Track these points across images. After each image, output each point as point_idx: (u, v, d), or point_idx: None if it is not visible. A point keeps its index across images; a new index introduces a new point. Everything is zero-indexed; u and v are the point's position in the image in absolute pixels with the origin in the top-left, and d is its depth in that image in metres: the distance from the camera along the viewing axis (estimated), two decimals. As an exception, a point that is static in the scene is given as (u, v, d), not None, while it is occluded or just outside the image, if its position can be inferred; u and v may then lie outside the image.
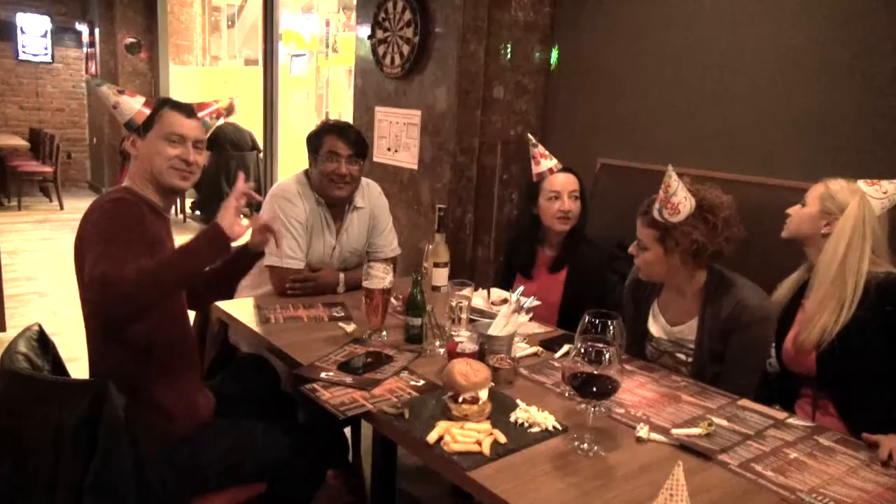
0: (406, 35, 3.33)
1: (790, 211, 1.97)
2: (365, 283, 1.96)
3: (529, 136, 2.49)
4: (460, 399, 1.46)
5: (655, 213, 1.86)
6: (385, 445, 2.34)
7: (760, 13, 2.47)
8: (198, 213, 7.64)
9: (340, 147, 2.36)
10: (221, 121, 6.39)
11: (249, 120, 6.80)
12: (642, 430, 1.46)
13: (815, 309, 1.81)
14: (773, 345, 1.99)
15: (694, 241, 1.83)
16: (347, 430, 2.65)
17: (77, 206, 8.01)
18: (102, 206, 1.63)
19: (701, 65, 2.66)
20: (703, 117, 2.64)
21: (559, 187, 2.40)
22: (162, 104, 1.72)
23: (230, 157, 6.79)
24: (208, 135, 2.43)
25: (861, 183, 1.85)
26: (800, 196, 1.95)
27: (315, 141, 2.42)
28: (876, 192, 1.83)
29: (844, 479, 1.35)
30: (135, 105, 1.70)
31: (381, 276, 1.93)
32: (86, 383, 1.43)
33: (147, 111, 1.70)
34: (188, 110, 1.73)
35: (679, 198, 1.80)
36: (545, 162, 2.44)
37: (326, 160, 2.36)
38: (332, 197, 2.40)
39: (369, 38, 3.55)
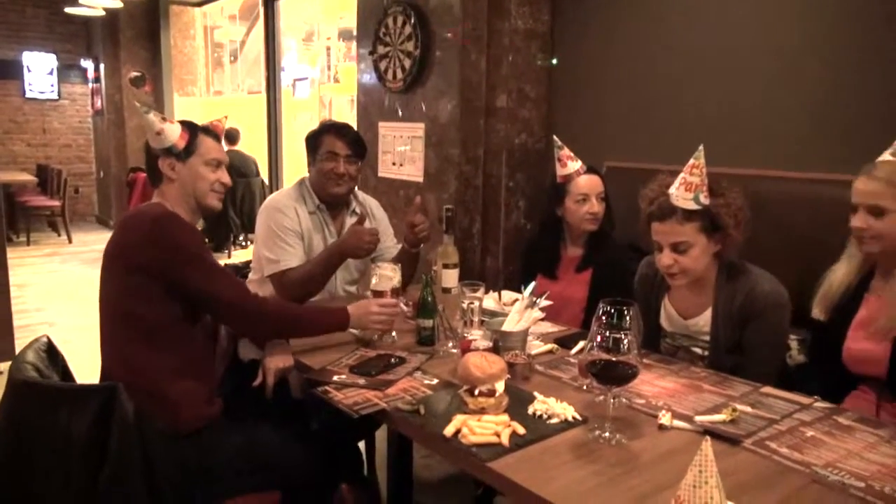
0: (407, 49, 3.35)
1: (864, 224, 1.69)
2: (374, 286, 1.95)
3: (555, 138, 2.49)
4: (476, 392, 1.43)
5: (691, 204, 1.77)
6: (401, 458, 2.30)
7: (762, 9, 2.47)
8: (206, 241, 7.65)
9: (339, 147, 2.38)
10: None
11: (253, 147, 6.85)
12: (665, 418, 1.42)
13: None
14: (797, 339, 1.95)
15: (738, 207, 1.82)
16: (362, 445, 2.62)
17: (84, 240, 8.05)
18: (171, 220, 1.71)
19: (703, 62, 2.66)
20: (707, 114, 2.63)
21: (587, 190, 2.40)
22: (197, 130, 1.83)
23: (236, 183, 6.82)
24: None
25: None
26: (810, 187, 1.92)
27: (314, 141, 2.44)
28: None
29: (862, 454, 1.31)
30: (176, 130, 1.78)
31: (389, 276, 1.93)
32: (94, 388, 1.41)
33: (185, 136, 1.78)
34: (217, 136, 1.89)
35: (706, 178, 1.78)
36: (571, 164, 2.44)
37: (325, 159, 2.38)
38: (331, 194, 2.41)
39: (370, 53, 3.57)
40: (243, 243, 7.47)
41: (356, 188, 2.57)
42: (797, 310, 1.87)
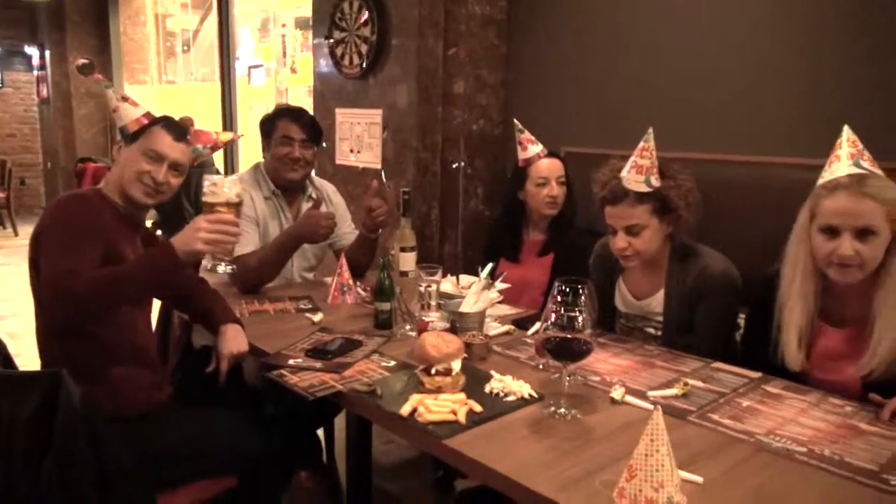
0: (363, 34, 3.32)
1: (851, 251, 1.45)
2: (205, 198, 1.64)
3: (516, 121, 2.49)
4: (433, 371, 1.43)
5: (643, 186, 1.79)
6: (360, 443, 2.29)
7: (711, -5, 2.53)
8: (159, 232, 7.48)
9: (294, 131, 2.35)
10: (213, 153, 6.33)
11: (208, 136, 6.70)
12: (615, 392, 1.44)
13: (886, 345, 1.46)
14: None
15: (688, 189, 1.82)
16: (321, 432, 2.59)
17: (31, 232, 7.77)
18: (66, 201, 1.65)
19: (657, 50, 2.70)
20: (660, 100, 2.68)
21: (547, 173, 2.40)
22: (157, 121, 1.74)
23: (190, 174, 6.66)
24: (197, 162, 2.46)
25: (869, 166, 1.48)
26: (757, 169, 1.93)
27: (268, 125, 2.41)
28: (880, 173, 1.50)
29: (797, 420, 1.37)
30: (133, 113, 1.71)
31: (224, 187, 1.64)
32: (37, 375, 1.36)
33: (144, 122, 1.72)
34: (179, 133, 1.75)
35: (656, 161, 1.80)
36: (532, 147, 2.44)
37: (280, 144, 2.35)
38: (286, 180, 2.38)
39: (326, 38, 3.53)
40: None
41: (312, 174, 2.54)
42: (747, 289, 1.91)
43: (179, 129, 1.76)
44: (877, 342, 1.46)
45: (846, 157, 1.50)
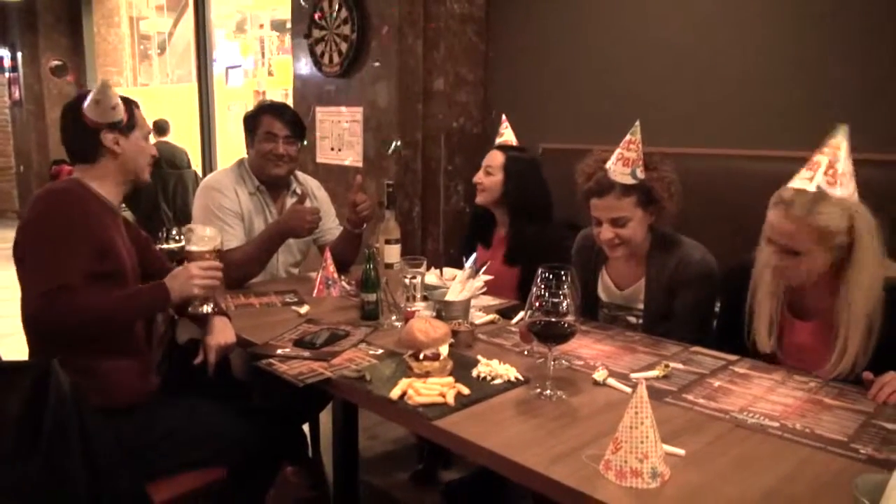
0: (343, 32, 3.34)
1: (784, 263, 1.55)
2: (190, 247, 1.73)
3: (503, 115, 2.55)
4: (421, 356, 1.45)
5: (629, 178, 1.82)
6: (346, 437, 2.30)
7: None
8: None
9: (277, 127, 2.35)
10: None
11: (182, 138, 6.66)
12: (598, 373, 1.48)
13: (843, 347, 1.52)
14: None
15: (671, 181, 1.87)
16: (306, 428, 2.61)
17: (5, 237, 7.61)
18: (46, 200, 1.64)
19: (634, 46, 2.76)
20: (638, 96, 2.73)
21: (485, 161, 2.47)
22: (129, 103, 1.78)
23: (168, 175, 6.62)
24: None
25: (826, 187, 1.47)
26: (735, 162, 1.97)
27: (252, 121, 2.41)
28: (848, 186, 1.49)
29: (766, 397, 1.43)
30: (122, 106, 1.72)
31: (210, 237, 1.74)
32: (28, 364, 1.36)
33: (125, 110, 1.73)
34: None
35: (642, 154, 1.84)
36: (497, 138, 2.52)
37: (264, 140, 2.36)
38: (271, 176, 2.38)
39: (305, 37, 3.54)
40: (176, 237, 7.25)
41: (296, 170, 2.55)
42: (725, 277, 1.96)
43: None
44: (843, 346, 1.52)
45: (807, 169, 1.51)
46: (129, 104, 1.77)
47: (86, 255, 1.59)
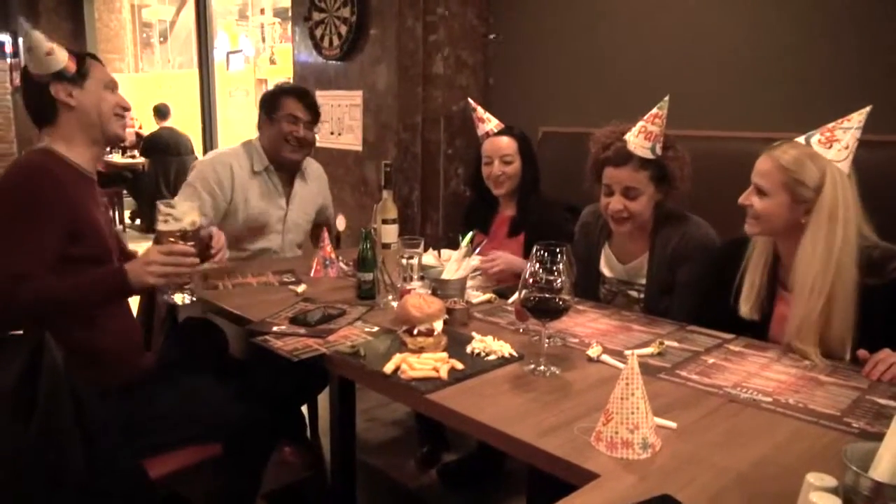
0: (343, 15, 3.32)
1: (748, 201, 1.60)
2: (158, 227, 1.56)
3: (470, 100, 2.51)
4: (415, 332, 1.45)
5: (648, 153, 1.84)
6: (344, 416, 2.31)
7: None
8: (137, 221, 7.42)
9: (300, 110, 2.34)
10: None
11: (185, 124, 6.66)
12: (592, 349, 1.48)
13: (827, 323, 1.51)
14: None
15: (686, 162, 1.87)
16: (305, 409, 2.61)
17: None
18: (10, 174, 1.55)
19: (635, 29, 2.74)
20: (637, 79, 2.72)
21: (490, 152, 2.41)
22: (82, 54, 1.69)
23: (169, 162, 6.64)
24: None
25: (817, 145, 1.52)
26: (737, 144, 1.97)
27: (272, 102, 2.37)
28: (839, 154, 1.51)
29: (760, 374, 1.43)
30: (65, 54, 1.63)
31: (177, 216, 1.55)
32: (20, 338, 1.36)
33: (74, 59, 1.64)
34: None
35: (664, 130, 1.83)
36: (483, 126, 2.46)
37: (286, 121, 2.33)
38: (287, 160, 2.36)
39: (305, 20, 3.52)
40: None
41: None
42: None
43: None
44: (795, 306, 1.53)
45: (812, 130, 1.56)
46: (80, 55, 1.68)
47: (54, 236, 1.50)
